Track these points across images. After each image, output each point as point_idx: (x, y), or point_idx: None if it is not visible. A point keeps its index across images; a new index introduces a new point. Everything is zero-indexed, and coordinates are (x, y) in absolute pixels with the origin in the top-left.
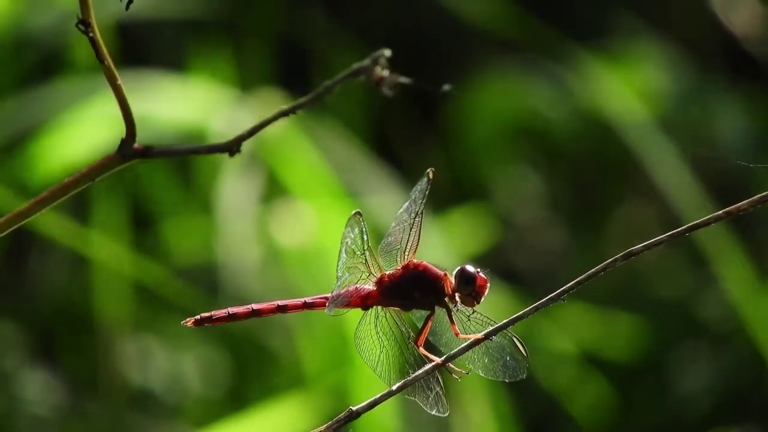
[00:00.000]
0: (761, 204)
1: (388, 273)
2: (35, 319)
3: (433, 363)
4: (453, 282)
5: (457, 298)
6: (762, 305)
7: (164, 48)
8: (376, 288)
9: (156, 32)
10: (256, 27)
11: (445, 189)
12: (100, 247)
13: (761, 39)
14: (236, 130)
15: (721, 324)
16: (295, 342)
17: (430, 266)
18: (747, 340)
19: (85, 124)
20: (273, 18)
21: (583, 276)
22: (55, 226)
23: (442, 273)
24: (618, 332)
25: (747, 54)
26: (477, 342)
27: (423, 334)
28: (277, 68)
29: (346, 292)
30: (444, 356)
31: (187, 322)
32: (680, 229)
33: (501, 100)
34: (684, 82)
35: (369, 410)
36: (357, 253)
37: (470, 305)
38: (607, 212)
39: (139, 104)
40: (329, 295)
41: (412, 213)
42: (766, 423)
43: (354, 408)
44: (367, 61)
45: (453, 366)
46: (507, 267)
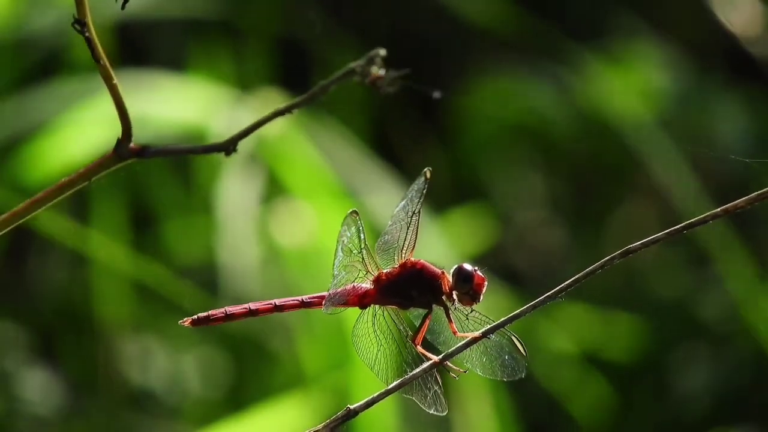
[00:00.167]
0: (758, 202)
1: (386, 271)
2: (35, 319)
3: (431, 361)
4: (450, 280)
5: (455, 297)
6: (763, 304)
7: (164, 48)
8: (374, 286)
9: (156, 32)
10: (256, 27)
11: (445, 189)
12: (100, 247)
13: (761, 39)
14: (236, 130)
15: (721, 324)
16: (295, 342)
17: (428, 264)
18: (747, 340)
19: (85, 124)
20: (273, 18)
21: (581, 274)
22: (55, 226)
23: (440, 271)
24: (618, 332)
25: (747, 54)
26: (474, 340)
27: (420, 333)
28: (277, 68)
29: (344, 291)
30: (441, 355)
31: (185, 322)
32: (677, 227)
33: (501, 100)
34: (684, 82)
35: (366, 409)
36: (354, 252)
37: (468, 304)
38: (607, 212)
39: (139, 104)
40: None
41: (409, 212)
42: (766, 423)
43: (351, 407)
44: (362, 61)
45: (451, 364)
46: (507, 267)
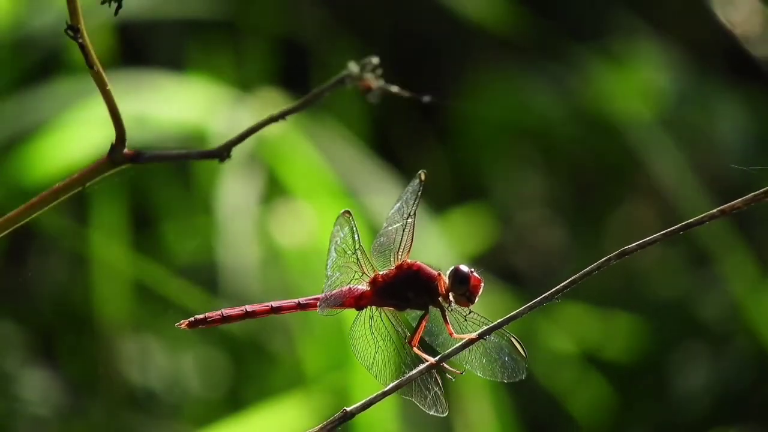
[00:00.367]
0: (755, 203)
1: (382, 273)
2: (35, 319)
3: (428, 363)
4: (447, 282)
5: (451, 298)
6: (763, 304)
7: (164, 48)
8: (370, 288)
9: (156, 32)
10: (256, 27)
11: (445, 189)
12: (100, 247)
13: (761, 39)
14: (236, 130)
15: (721, 324)
16: (295, 342)
17: (424, 266)
18: (747, 340)
19: (84, 125)
20: (273, 18)
21: (578, 275)
22: (55, 227)
23: (436, 273)
24: (617, 332)
25: (747, 54)
26: (471, 341)
27: (417, 334)
28: (277, 68)
29: (339, 293)
30: (438, 356)
31: (182, 324)
32: (675, 228)
33: (501, 100)
34: (684, 82)
35: (363, 411)
36: (348, 253)
37: (464, 305)
38: (607, 212)
39: (139, 104)
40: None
41: (405, 214)
42: (766, 423)
43: (348, 409)
44: (356, 68)
45: (447, 366)
46: (506, 267)
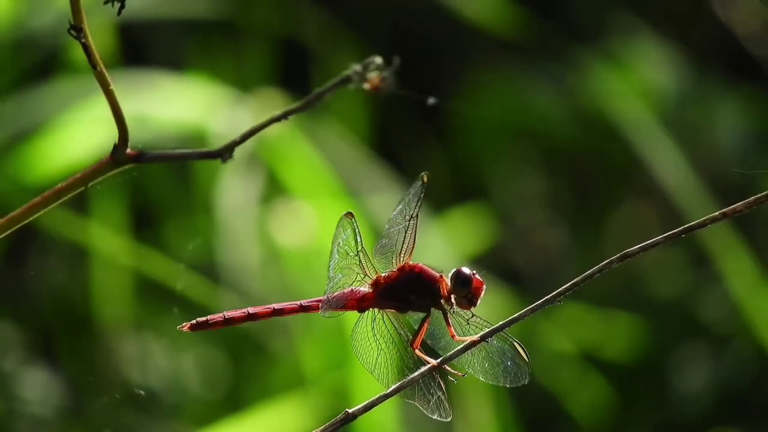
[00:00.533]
0: (757, 205)
1: (384, 275)
2: (35, 319)
3: (429, 365)
4: (449, 284)
5: (453, 300)
6: (763, 304)
7: (164, 48)
8: (372, 290)
9: (156, 32)
10: (256, 27)
11: (445, 189)
12: (100, 247)
13: (761, 39)
14: (236, 130)
15: (721, 324)
16: (295, 343)
17: (426, 268)
18: (747, 340)
19: (85, 124)
20: (273, 18)
21: (579, 278)
22: (56, 226)
23: (438, 275)
24: (617, 332)
25: (747, 54)
26: (473, 344)
27: (419, 337)
28: (277, 68)
29: (341, 294)
30: (440, 358)
31: (183, 327)
32: (677, 231)
33: (501, 100)
34: (684, 82)
35: (365, 412)
36: (350, 254)
37: (466, 307)
38: (607, 212)
39: (139, 104)
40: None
41: (407, 215)
42: (766, 423)
43: (350, 410)
44: (359, 68)
45: (449, 368)
46: (507, 267)
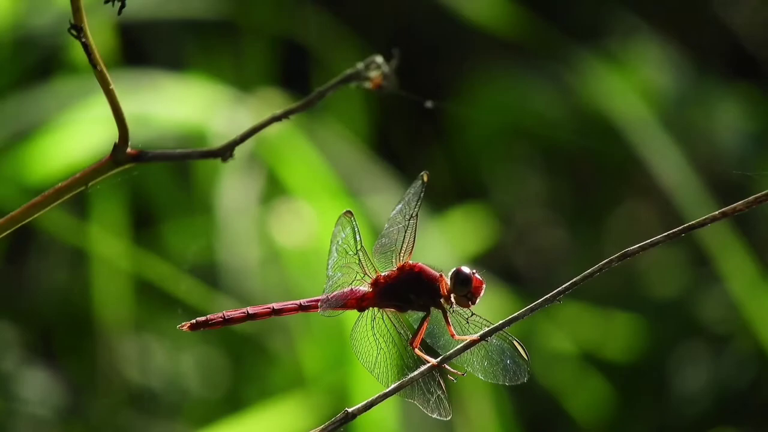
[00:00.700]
0: (757, 204)
1: (384, 274)
2: (35, 319)
3: (429, 364)
4: (448, 283)
5: (453, 300)
6: (763, 304)
7: (164, 48)
8: (372, 289)
9: (156, 32)
10: (256, 27)
11: (445, 189)
12: (100, 247)
13: (761, 39)
14: (236, 130)
15: (721, 324)
16: (295, 342)
17: (426, 267)
18: (747, 340)
19: (85, 124)
20: (273, 18)
21: (579, 277)
22: (55, 226)
23: (438, 274)
24: (617, 332)
25: (747, 54)
26: (473, 343)
27: (418, 336)
28: (277, 68)
29: (341, 294)
30: (439, 357)
31: (183, 326)
32: (676, 230)
33: (501, 100)
34: (684, 82)
35: (364, 412)
36: (349, 253)
37: (466, 306)
38: (607, 212)
39: (139, 104)
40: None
41: (407, 215)
42: (766, 423)
43: (349, 410)
44: (360, 67)
45: (449, 367)
46: (507, 267)
